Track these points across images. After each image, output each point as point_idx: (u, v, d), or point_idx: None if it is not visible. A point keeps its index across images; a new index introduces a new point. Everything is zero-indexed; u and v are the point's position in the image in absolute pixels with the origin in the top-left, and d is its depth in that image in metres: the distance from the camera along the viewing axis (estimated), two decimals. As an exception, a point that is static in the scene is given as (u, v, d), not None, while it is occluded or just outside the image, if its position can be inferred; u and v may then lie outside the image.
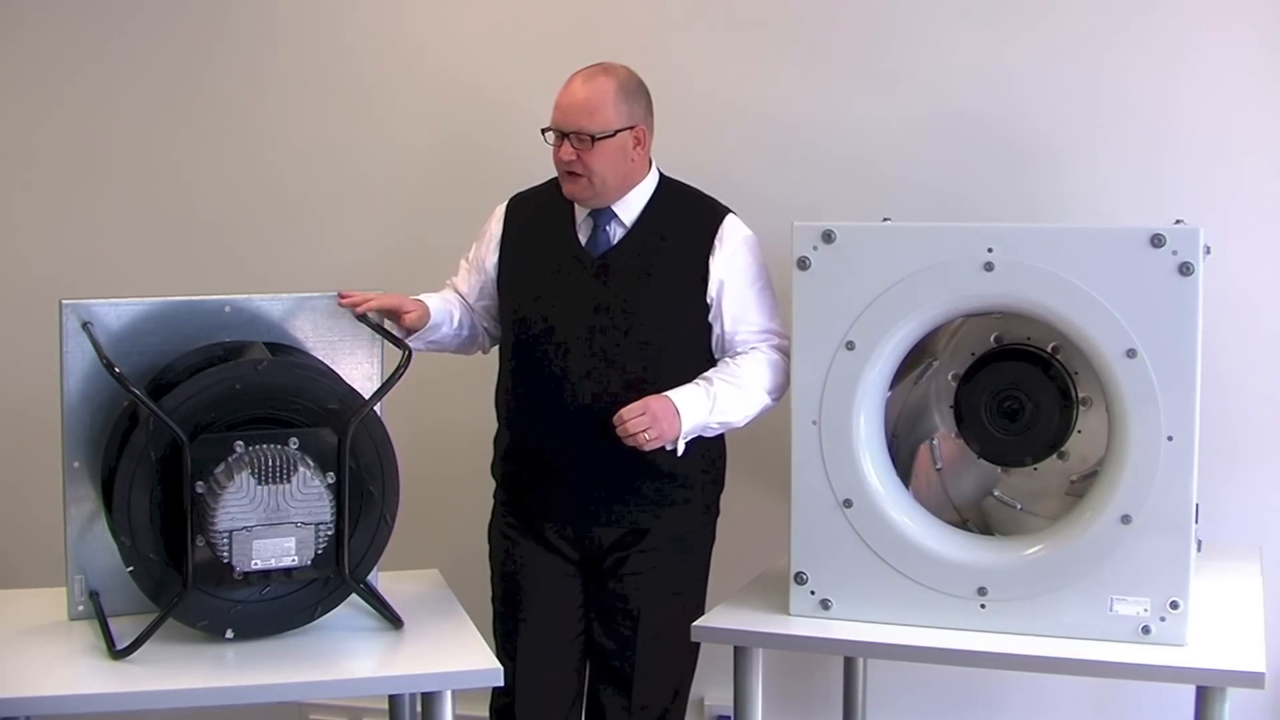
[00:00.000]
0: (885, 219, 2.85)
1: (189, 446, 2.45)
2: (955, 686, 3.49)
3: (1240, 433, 3.26)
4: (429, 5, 3.77)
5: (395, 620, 2.68)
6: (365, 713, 3.71)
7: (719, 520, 3.14)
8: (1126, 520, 2.54)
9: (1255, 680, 2.43)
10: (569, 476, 2.99)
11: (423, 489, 3.10)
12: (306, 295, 2.76)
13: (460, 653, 2.56)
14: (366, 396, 2.63)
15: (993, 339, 2.78)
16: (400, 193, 3.81)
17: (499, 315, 3.10)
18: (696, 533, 3.10)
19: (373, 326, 2.79)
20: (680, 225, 3.00)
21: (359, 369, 2.79)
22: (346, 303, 2.77)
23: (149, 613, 2.55)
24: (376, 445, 2.63)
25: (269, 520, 2.48)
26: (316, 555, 2.53)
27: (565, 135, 2.92)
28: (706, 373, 2.93)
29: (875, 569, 2.67)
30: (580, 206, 3.01)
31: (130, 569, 2.52)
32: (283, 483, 2.48)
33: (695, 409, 2.85)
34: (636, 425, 2.79)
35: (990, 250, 2.57)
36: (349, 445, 2.55)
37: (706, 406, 2.87)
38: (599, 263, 2.97)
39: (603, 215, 2.99)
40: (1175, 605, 2.53)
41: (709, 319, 2.98)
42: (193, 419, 2.48)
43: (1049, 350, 2.73)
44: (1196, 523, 2.56)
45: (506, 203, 3.12)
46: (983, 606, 2.63)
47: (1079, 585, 2.57)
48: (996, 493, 2.81)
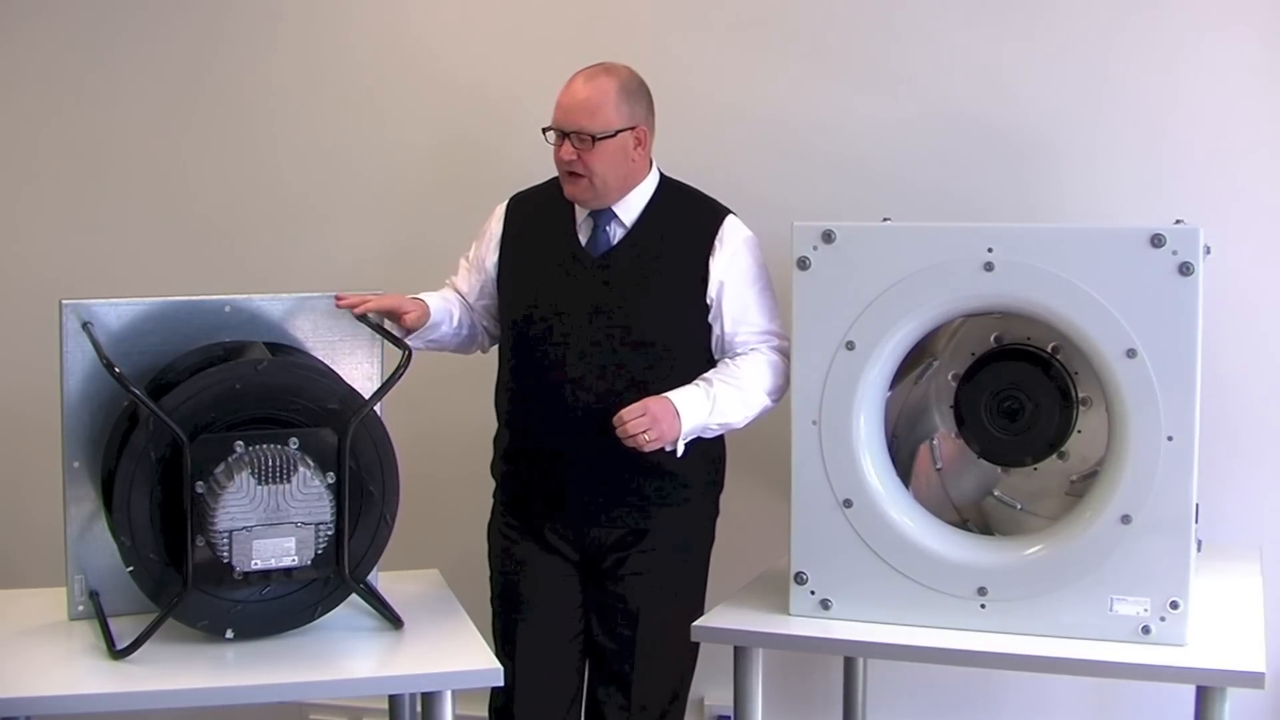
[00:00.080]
0: (885, 219, 2.85)
1: (189, 446, 2.45)
2: (955, 686, 3.49)
3: (1240, 433, 3.26)
4: (430, 5, 3.77)
5: (395, 620, 2.68)
6: (365, 713, 3.70)
7: (719, 520, 3.14)
8: (1126, 520, 2.54)
9: (1255, 680, 2.43)
10: (568, 477, 2.99)
11: (423, 489, 3.10)
12: (306, 295, 2.76)
13: (460, 653, 2.56)
14: (366, 396, 2.63)
15: (993, 339, 2.78)
16: (400, 193, 3.81)
17: (498, 315, 3.10)
18: (696, 533, 3.10)
19: (373, 326, 2.79)
20: (680, 226, 3.00)
21: (359, 369, 2.79)
22: (344, 304, 2.77)
23: (149, 613, 2.55)
24: (376, 445, 2.63)
25: (269, 520, 2.48)
26: (316, 555, 2.52)
27: (566, 135, 2.92)
28: (706, 374, 2.93)
29: (875, 569, 2.67)
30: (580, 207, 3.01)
31: (130, 569, 2.52)
32: (283, 483, 2.48)
33: (695, 410, 2.85)
34: (636, 426, 2.79)
35: (990, 250, 2.57)
36: (349, 445, 2.55)
37: (706, 408, 2.87)
38: (599, 263, 2.97)
39: (603, 215, 2.99)
40: (1175, 605, 2.53)
41: (709, 320, 2.98)
42: (193, 419, 2.48)
43: (1049, 350, 2.73)
44: (1196, 523, 2.56)
45: (507, 202, 3.12)
46: (983, 606, 2.63)
47: (1079, 585, 2.57)
48: (996, 493, 2.81)
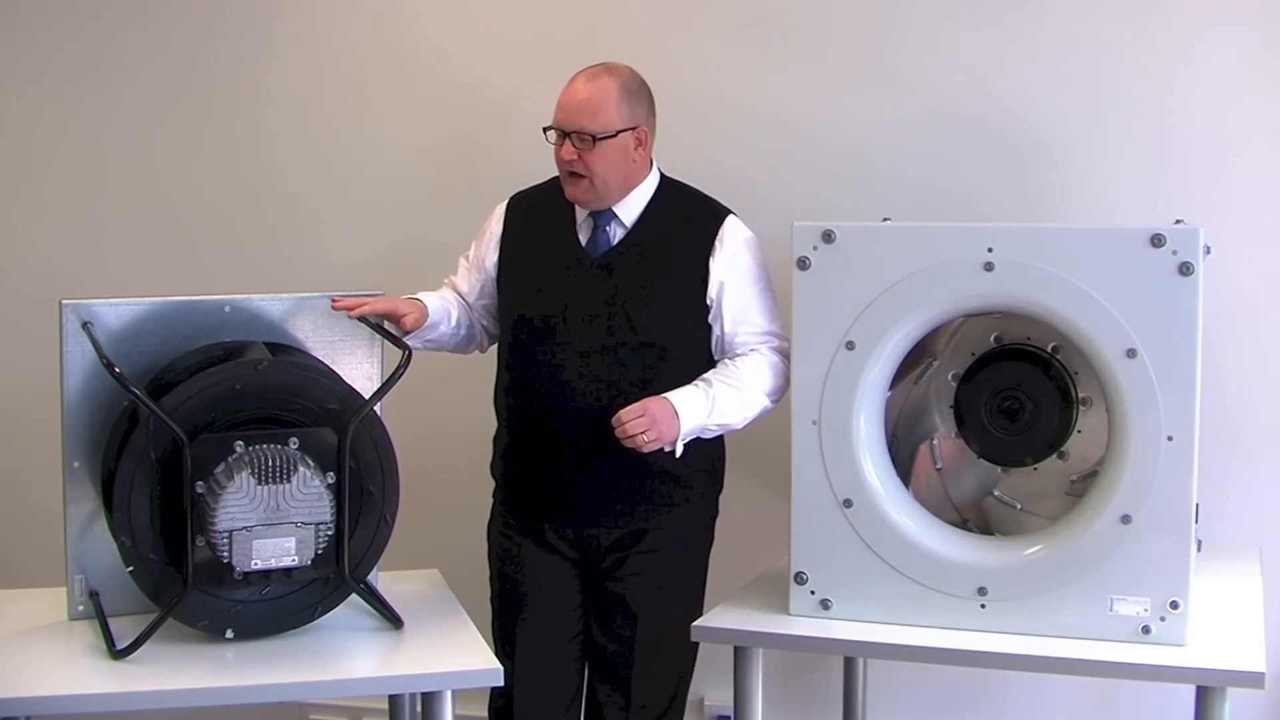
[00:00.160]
0: (885, 219, 2.85)
1: (189, 446, 2.45)
2: (955, 686, 3.49)
3: (1240, 433, 3.26)
4: (430, 5, 3.77)
5: (395, 620, 2.68)
6: (365, 713, 3.70)
7: (719, 520, 3.14)
8: (1126, 520, 2.54)
9: (1255, 680, 2.43)
10: (568, 477, 2.99)
11: (423, 489, 3.10)
12: (306, 295, 2.76)
13: (460, 653, 2.56)
14: (366, 396, 2.63)
15: (993, 339, 2.78)
16: (400, 193, 3.81)
17: (498, 314, 3.10)
18: (696, 533, 3.09)
19: (372, 326, 2.78)
20: (681, 226, 2.99)
21: (359, 369, 2.79)
22: (340, 307, 2.76)
23: (149, 613, 2.55)
24: (376, 445, 2.63)
25: (269, 520, 2.47)
26: (316, 555, 2.52)
27: (567, 134, 2.91)
28: (706, 374, 2.93)
29: (875, 569, 2.67)
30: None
31: (130, 569, 2.52)
32: (283, 483, 2.48)
33: (694, 411, 2.85)
34: (635, 427, 2.78)
35: (990, 250, 2.57)
36: (349, 445, 2.55)
37: (705, 408, 2.86)
38: (599, 263, 2.97)
39: (603, 215, 2.99)
40: (1175, 605, 2.53)
41: (709, 320, 2.98)
42: (193, 419, 2.48)
43: (1049, 350, 2.73)
44: (1196, 523, 2.56)
45: (507, 202, 3.12)
46: (983, 606, 2.63)
47: (1079, 585, 2.57)
48: (996, 493, 2.81)
